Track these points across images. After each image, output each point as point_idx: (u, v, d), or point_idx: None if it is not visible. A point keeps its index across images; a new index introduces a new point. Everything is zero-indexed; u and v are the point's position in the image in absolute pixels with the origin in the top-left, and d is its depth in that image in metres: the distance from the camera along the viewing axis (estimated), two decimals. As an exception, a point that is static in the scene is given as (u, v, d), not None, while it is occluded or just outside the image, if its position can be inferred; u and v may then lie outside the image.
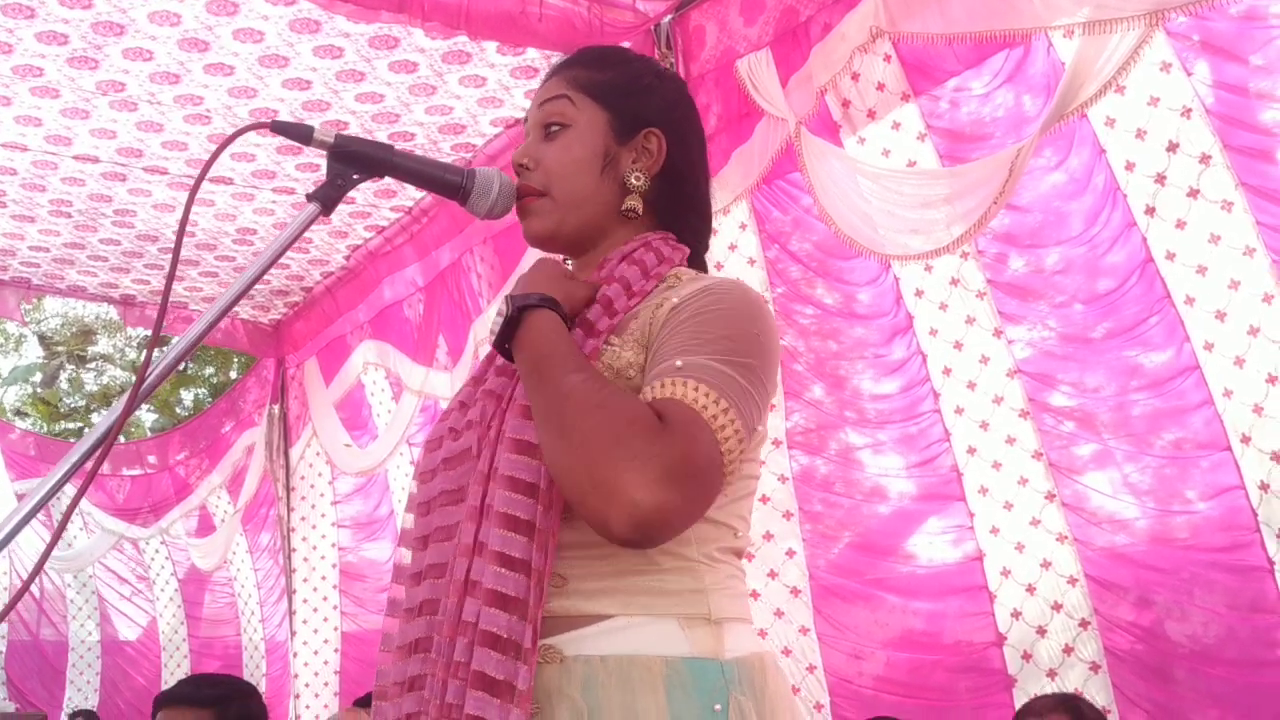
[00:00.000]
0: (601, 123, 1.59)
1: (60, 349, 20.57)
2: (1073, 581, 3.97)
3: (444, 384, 6.05)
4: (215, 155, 1.42)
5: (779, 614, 4.52)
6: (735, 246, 4.61)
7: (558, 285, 1.50)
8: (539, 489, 1.37)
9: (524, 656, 1.32)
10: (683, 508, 1.28)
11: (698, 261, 1.67)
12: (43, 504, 1.29)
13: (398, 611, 1.50)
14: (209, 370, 19.17)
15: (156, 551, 9.53)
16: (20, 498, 9.05)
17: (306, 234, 1.46)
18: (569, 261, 1.67)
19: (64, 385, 20.76)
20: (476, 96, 5.04)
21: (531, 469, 1.38)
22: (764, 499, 4.51)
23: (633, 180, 1.58)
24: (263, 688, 7.98)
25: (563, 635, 1.37)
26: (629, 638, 1.37)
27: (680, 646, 1.37)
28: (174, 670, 9.27)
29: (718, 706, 1.35)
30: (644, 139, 1.60)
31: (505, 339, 1.45)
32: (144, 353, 18.65)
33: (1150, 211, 3.66)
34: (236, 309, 6.90)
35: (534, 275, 1.54)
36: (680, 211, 1.64)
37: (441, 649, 1.37)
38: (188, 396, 19.46)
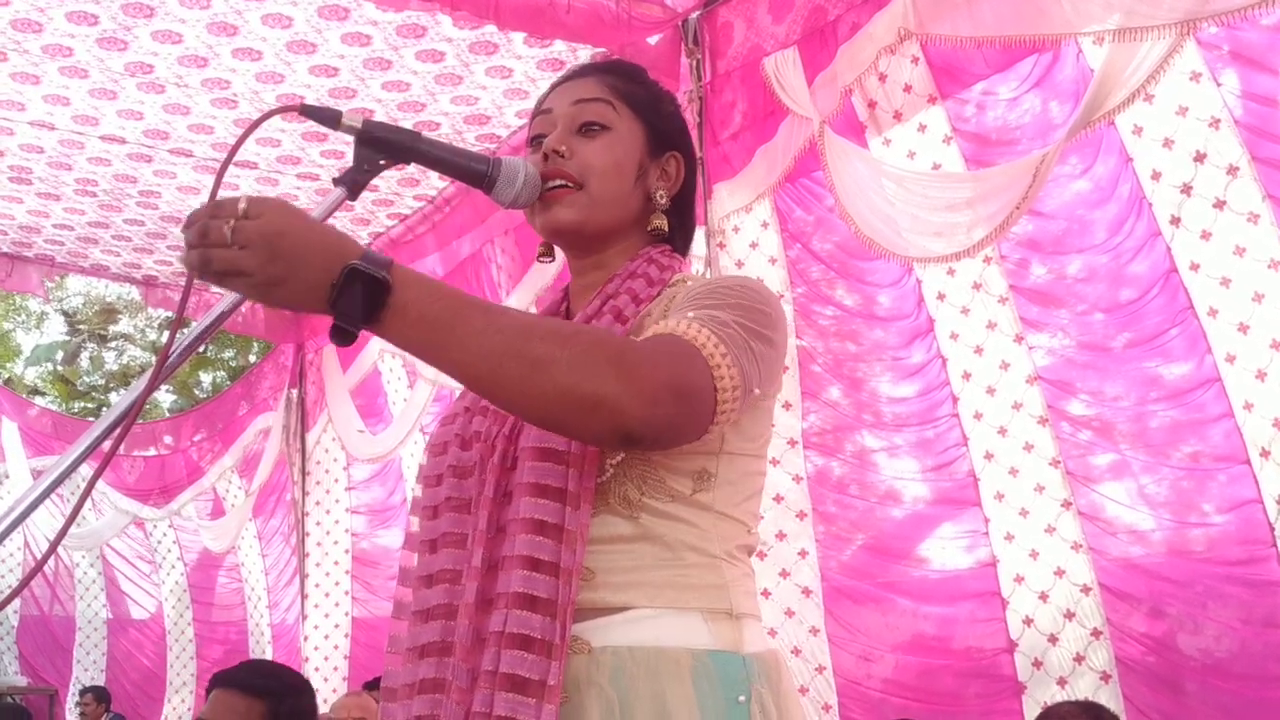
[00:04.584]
0: (640, 134, 1.62)
1: (82, 327, 20.69)
2: (1086, 590, 3.95)
3: (459, 373, 6.05)
4: (244, 137, 1.42)
5: (790, 613, 4.52)
6: (757, 245, 4.60)
7: (342, 242, 1.27)
8: (565, 492, 1.39)
9: (555, 654, 1.34)
10: (674, 421, 1.30)
11: None
12: (59, 482, 1.29)
13: (405, 614, 1.51)
14: (228, 353, 19.24)
15: (164, 535, 9.56)
16: (37, 475, 9.10)
17: (330, 219, 1.46)
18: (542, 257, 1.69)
19: (84, 364, 20.88)
20: (502, 87, 5.05)
21: (558, 475, 1.39)
22: (778, 498, 4.51)
23: (659, 198, 1.62)
24: (268, 672, 8.00)
25: (588, 623, 1.38)
26: (654, 628, 1.39)
27: (704, 639, 1.41)
28: (179, 653, 9.30)
29: (741, 699, 1.39)
30: (667, 160, 1.65)
31: (362, 311, 1.24)
32: (164, 333, 18.71)
33: (1175, 221, 3.64)
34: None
35: (301, 237, 1.25)
36: (676, 234, 1.68)
37: (459, 672, 1.38)
38: (206, 379, 19.54)
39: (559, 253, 1.67)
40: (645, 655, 1.37)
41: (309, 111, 1.47)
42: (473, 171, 1.55)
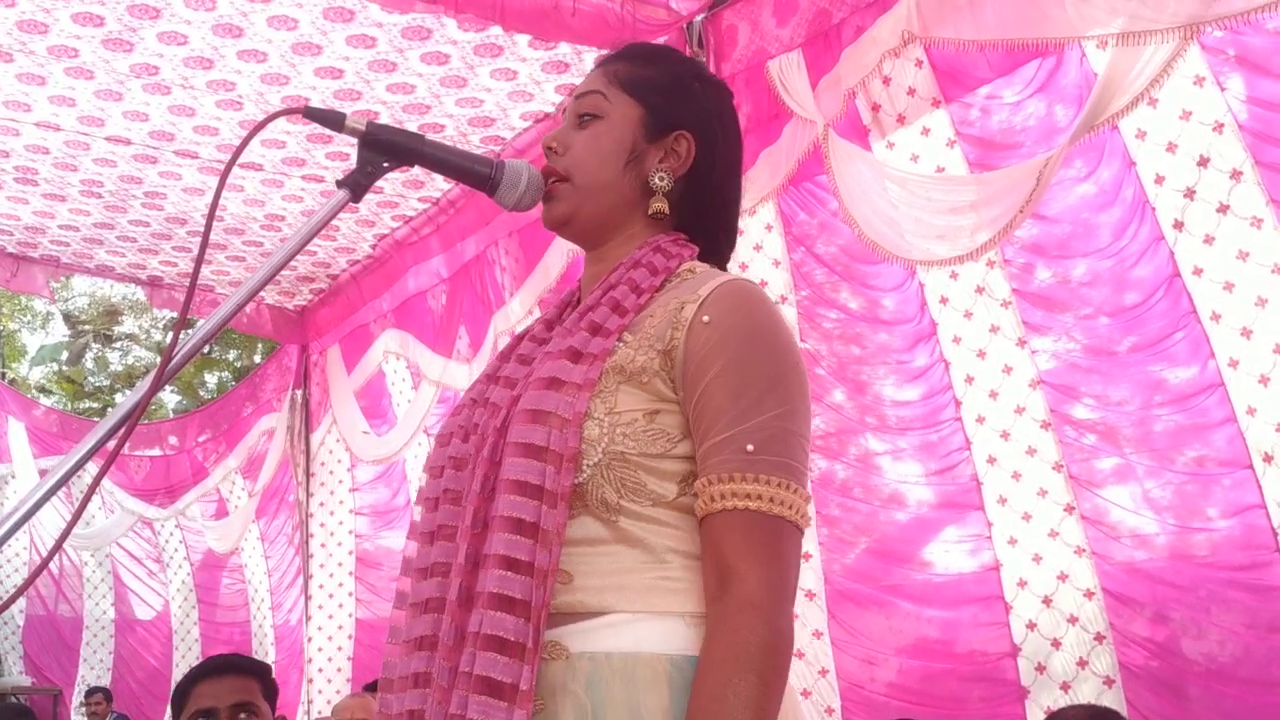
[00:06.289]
0: (634, 118, 1.59)
1: (87, 328, 20.72)
2: (1089, 595, 3.95)
3: (463, 375, 6.06)
4: (248, 138, 1.43)
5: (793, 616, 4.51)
6: (760, 247, 4.61)
7: None
8: (544, 490, 1.37)
9: (528, 657, 1.33)
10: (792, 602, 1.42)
11: (717, 262, 1.65)
12: (64, 481, 1.30)
13: (405, 604, 1.51)
14: (233, 354, 19.26)
15: (171, 535, 9.58)
16: (43, 474, 9.10)
17: (334, 221, 1.48)
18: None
19: (89, 364, 20.90)
20: (507, 90, 5.05)
21: (536, 471, 1.38)
22: (782, 501, 4.50)
23: (656, 180, 1.57)
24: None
25: (567, 627, 1.37)
26: (633, 633, 1.37)
27: (684, 644, 1.38)
28: (184, 653, 9.31)
29: None
30: (674, 140, 1.59)
31: None
32: (168, 334, 18.75)
33: (1179, 226, 3.64)
34: (262, 294, 6.95)
35: None
36: (703, 215, 1.63)
37: (441, 670, 1.38)
38: (211, 379, 19.56)
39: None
40: (622, 662, 1.35)
41: (313, 114, 1.47)
42: (476, 174, 1.56)
